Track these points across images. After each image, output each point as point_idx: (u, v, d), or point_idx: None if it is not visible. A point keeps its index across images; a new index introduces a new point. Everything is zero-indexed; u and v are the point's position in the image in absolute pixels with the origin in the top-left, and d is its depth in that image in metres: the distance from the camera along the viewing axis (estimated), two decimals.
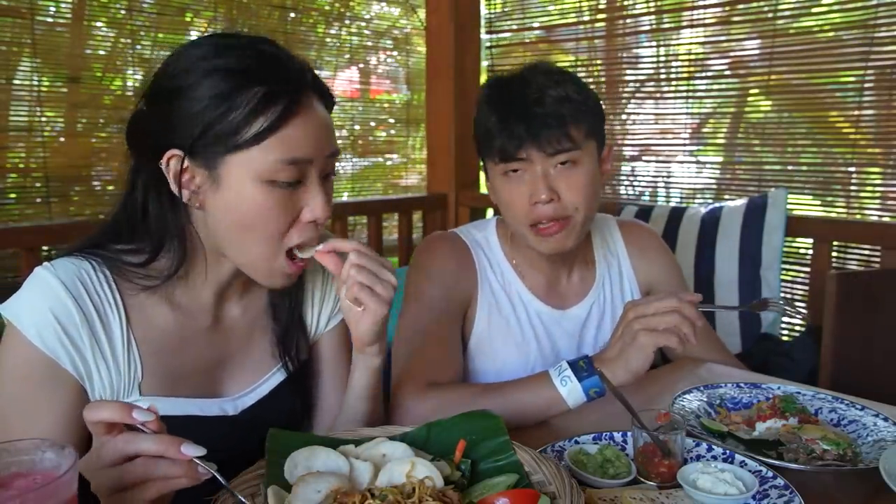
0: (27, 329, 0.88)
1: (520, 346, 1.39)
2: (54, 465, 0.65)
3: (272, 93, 0.87)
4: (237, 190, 0.89)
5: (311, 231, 0.93)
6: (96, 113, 2.33)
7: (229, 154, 0.88)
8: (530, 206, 1.25)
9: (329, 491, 0.77)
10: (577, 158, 1.25)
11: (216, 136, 0.87)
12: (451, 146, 3.13)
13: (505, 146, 1.24)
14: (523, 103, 1.23)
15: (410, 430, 0.96)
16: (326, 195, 0.93)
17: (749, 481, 0.90)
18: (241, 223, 0.91)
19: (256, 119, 0.86)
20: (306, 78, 0.92)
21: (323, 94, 0.95)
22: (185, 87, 0.87)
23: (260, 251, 0.92)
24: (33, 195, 2.22)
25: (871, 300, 1.75)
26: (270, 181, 0.88)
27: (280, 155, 0.88)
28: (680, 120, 2.62)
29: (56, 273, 0.90)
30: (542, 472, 0.87)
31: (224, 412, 1.02)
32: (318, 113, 0.93)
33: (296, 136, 0.88)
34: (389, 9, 3.17)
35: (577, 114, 1.24)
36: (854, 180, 2.27)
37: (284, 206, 0.90)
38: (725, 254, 2.18)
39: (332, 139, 0.95)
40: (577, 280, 1.45)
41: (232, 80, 0.87)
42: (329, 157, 0.94)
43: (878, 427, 1.11)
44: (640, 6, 2.70)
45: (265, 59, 0.90)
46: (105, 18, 2.33)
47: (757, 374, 1.44)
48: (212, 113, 0.86)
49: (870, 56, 2.16)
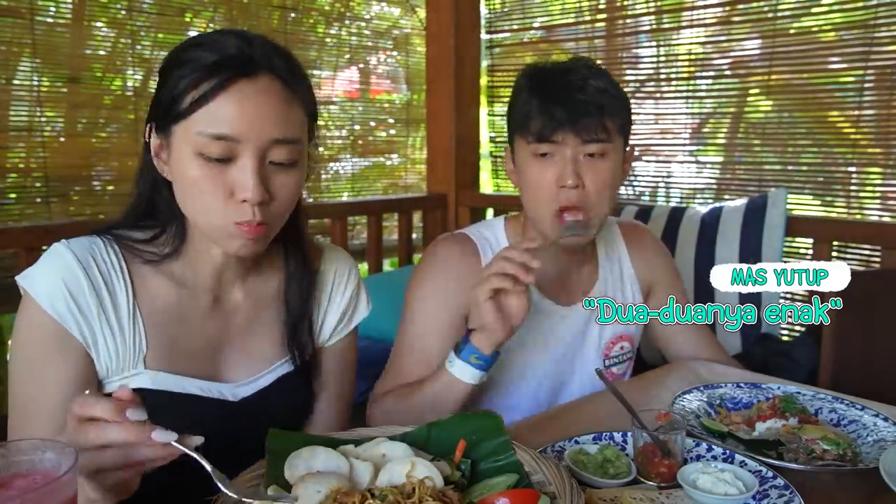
0: (40, 296, 0.93)
1: (524, 342, 1.39)
2: (54, 465, 0.65)
3: (211, 67, 0.90)
4: (178, 159, 0.93)
5: (246, 210, 0.92)
6: (96, 113, 2.33)
7: (175, 124, 0.92)
8: (557, 188, 1.28)
9: (329, 491, 0.77)
10: (606, 151, 1.29)
11: (166, 106, 0.93)
12: (451, 146, 3.13)
13: (543, 127, 1.27)
14: (566, 88, 1.27)
15: (410, 430, 0.96)
16: (259, 177, 0.91)
17: (749, 481, 0.90)
18: (182, 193, 0.96)
19: (192, 91, 0.90)
20: (255, 56, 0.92)
21: (283, 76, 0.94)
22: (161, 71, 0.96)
23: (205, 220, 0.95)
24: (33, 195, 2.22)
25: (871, 300, 1.75)
26: (201, 154, 0.90)
27: (205, 128, 0.89)
28: (680, 120, 2.62)
29: (69, 246, 0.97)
30: (542, 472, 0.87)
31: (223, 397, 1.04)
32: (264, 94, 0.91)
33: (224, 113, 0.89)
34: (389, 9, 3.17)
35: (614, 107, 1.29)
36: (854, 180, 2.27)
37: (214, 181, 0.91)
38: (725, 254, 2.18)
39: (284, 125, 0.93)
40: (584, 276, 1.47)
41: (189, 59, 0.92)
42: (276, 142, 0.92)
43: (878, 427, 1.11)
44: (640, 6, 2.70)
45: (220, 38, 0.94)
46: (105, 19, 2.33)
47: (757, 374, 1.44)
48: (166, 85, 0.93)
49: (870, 56, 2.16)
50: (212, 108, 0.89)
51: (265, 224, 0.94)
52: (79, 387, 0.95)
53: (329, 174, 3.05)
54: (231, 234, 0.94)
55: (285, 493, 0.79)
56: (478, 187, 3.23)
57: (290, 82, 0.94)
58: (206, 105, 0.89)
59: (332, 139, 3.04)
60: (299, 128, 0.96)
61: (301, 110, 0.97)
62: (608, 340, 1.47)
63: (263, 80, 0.92)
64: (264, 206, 0.93)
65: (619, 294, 1.50)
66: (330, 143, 3.03)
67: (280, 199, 0.95)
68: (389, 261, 3.15)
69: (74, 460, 0.64)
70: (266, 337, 1.11)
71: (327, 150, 3.02)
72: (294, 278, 1.12)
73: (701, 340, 1.56)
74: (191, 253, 1.03)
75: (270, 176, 0.93)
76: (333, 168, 3.07)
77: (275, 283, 1.13)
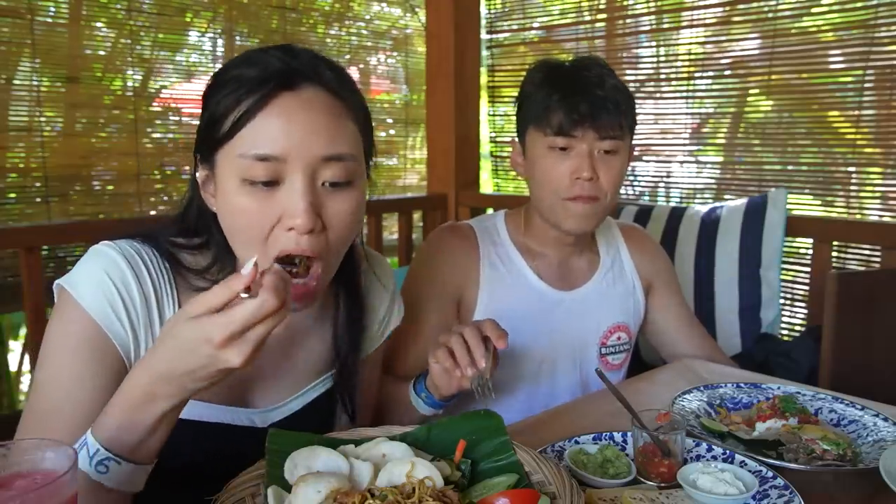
0: (83, 297, 0.86)
1: (522, 327, 1.40)
2: (54, 465, 0.65)
3: (252, 83, 0.83)
4: (223, 189, 0.86)
5: (290, 240, 0.83)
6: (96, 113, 2.33)
7: (218, 150, 0.86)
8: (571, 180, 1.33)
9: (329, 491, 0.77)
10: (618, 148, 1.35)
11: (208, 131, 0.86)
12: (451, 146, 3.13)
13: (564, 121, 1.31)
14: (586, 84, 1.31)
15: (411, 431, 0.96)
16: (309, 200, 0.82)
17: (749, 481, 0.90)
18: (228, 224, 0.89)
19: (232, 111, 0.83)
20: (298, 67, 0.85)
21: (331, 87, 0.87)
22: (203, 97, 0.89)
23: (247, 255, 0.84)
24: (33, 195, 2.22)
25: (871, 300, 1.75)
26: (246, 180, 0.83)
27: (248, 149, 0.82)
28: (680, 120, 2.62)
29: (118, 248, 0.90)
30: (542, 472, 0.87)
31: (252, 423, 0.99)
32: (309, 106, 0.84)
33: (267, 130, 0.82)
34: (389, 9, 3.17)
35: (626, 105, 1.34)
36: (854, 180, 2.27)
37: (260, 208, 0.83)
38: (725, 254, 2.18)
39: (334, 139, 0.85)
40: (585, 263, 1.51)
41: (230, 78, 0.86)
42: (325, 160, 0.84)
43: (878, 427, 1.11)
44: (640, 6, 2.70)
45: (262, 54, 0.87)
46: (105, 19, 2.33)
47: (757, 374, 1.44)
48: (207, 110, 0.87)
49: (870, 56, 2.16)
50: (254, 127, 0.82)
51: (316, 259, 0.84)
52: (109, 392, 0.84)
53: None
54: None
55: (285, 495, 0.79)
56: (478, 187, 3.23)
57: (339, 93, 0.87)
58: (248, 124, 0.82)
59: None
60: (353, 142, 0.88)
61: (353, 124, 0.89)
62: (606, 329, 1.49)
63: (309, 91, 0.85)
64: (316, 234, 0.84)
65: (620, 282, 1.53)
66: None
67: (336, 226, 0.86)
68: (389, 260, 3.14)
69: (74, 460, 0.64)
70: (301, 363, 1.05)
71: None
72: (345, 309, 1.05)
73: (697, 339, 1.59)
74: None
75: (324, 200, 0.85)
76: None
77: (319, 309, 1.06)
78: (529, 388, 1.45)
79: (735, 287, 2.17)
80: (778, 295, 2.17)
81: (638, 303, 1.55)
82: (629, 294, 1.54)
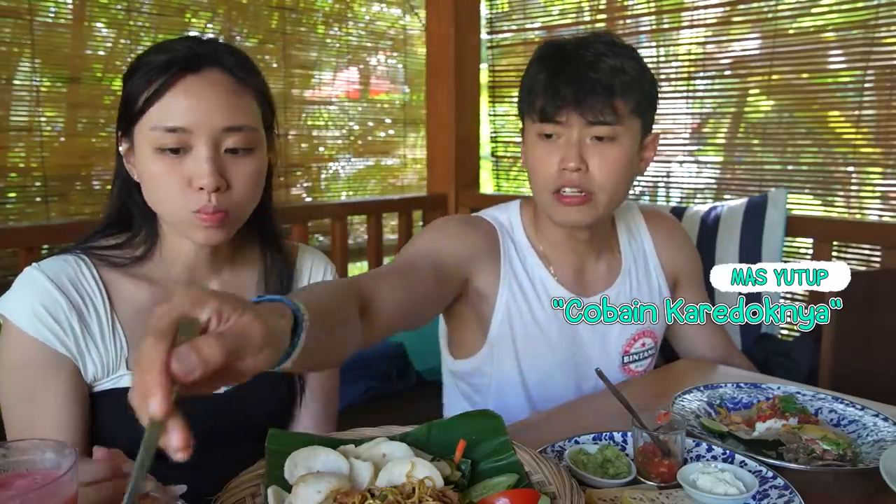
0: (20, 321, 0.96)
1: (540, 334, 1.36)
2: (54, 465, 0.65)
3: (161, 67, 0.95)
4: (140, 158, 0.98)
5: (203, 198, 0.95)
6: (96, 113, 2.33)
7: (135, 124, 0.97)
8: (558, 170, 1.22)
9: (329, 491, 0.77)
10: (615, 135, 1.21)
11: (126, 109, 0.98)
12: (451, 146, 3.13)
13: (547, 106, 1.21)
14: (576, 65, 1.20)
15: (411, 431, 0.96)
16: (214, 164, 0.95)
17: (749, 481, 0.90)
18: (146, 189, 1.00)
19: (145, 90, 0.95)
20: (203, 53, 0.97)
21: (231, 70, 0.98)
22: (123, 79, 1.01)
23: (167, 212, 0.99)
24: (33, 195, 2.22)
25: (871, 300, 1.75)
26: (158, 149, 0.95)
27: (159, 122, 0.95)
28: (680, 120, 2.62)
29: (41, 269, 0.99)
30: (542, 472, 0.87)
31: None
32: (211, 86, 0.96)
33: (175, 106, 0.94)
34: (389, 9, 3.17)
35: (628, 88, 1.20)
36: (854, 180, 2.27)
37: (172, 172, 0.95)
38: (725, 253, 2.18)
39: (233, 113, 0.97)
40: (604, 268, 1.41)
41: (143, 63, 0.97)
42: (226, 130, 0.96)
43: (878, 427, 1.11)
44: (640, 6, 2.70)
45: (173, 43, 0.99)
46: (105, 19, 2.33)
47: (757, 374, 1.44)
48: (125, 90, 0.99)
49: (870, 56, 2.16)
50: (163, 103, 0.95)
51: (223, 211, 0.97)
52: (73, 401, 0.98)
53: (329, 174, 3.05)
54: (191, 223, 0.97)
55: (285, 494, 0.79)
56: (478, 187, 3.23)
57: (238, 75, 0.99)
58: (159, 101, 0.95)
59: (333, 139, 3.03)
60: (251, 116, 1.00)
61: (253, 101, 1.01)
62: (630, 337, 1.41)
63: (211, 74, 0.97)
64: (222, 193, 0.96)
65: (645, 285, 1.44)
66: (330, 144, 3.03)
67: (238, 186, 0.98)
68: (389, 260, 3.15)
69: (74, 460, 0.64)
70: None
71: (327, 150, 3.02)
72: (272, 271, 1.14)
73: (715, 339, 1.52)
74: (163, 252, 1.06)
75: (227, 165, 0.97)
76: (333, 168, 3.07)
77: (251, 276, 1.14)
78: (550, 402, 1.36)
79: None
80: (778, 295, 2.17)
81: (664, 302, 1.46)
82: (654, 294, 1.44)
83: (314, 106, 2.92)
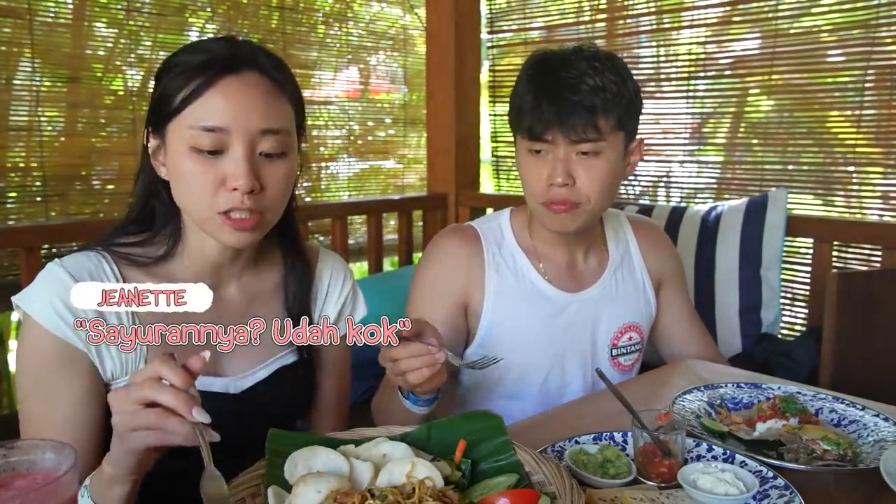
0: (40, 317, 0.95)
1: (530, 331, 1.40)
2: (54, 465, 0.65)
3: (200, 66, 0.95)
4: (173, 156, 0.98)
5: (235, 197, 0.96)
6: (96, 113, 2.33)
7: (168, 123, 0.97)
8: (546, 185, 1.29)
9: (329, 491, 0.77)
10: (600, 150, 1.28)
11: (160, 107, 0.98)
12: (452, 146, 3.12)
13: (533, 125, 1.28)
14: (558, 87, 1.26)
15: (411, 431, 0.96)
16: (249, 165, 0.95)
17: (749, 481, 0.90)
18: (178, 187, 1.00)
19: (182, 89, 0.95)
20: (241, 55, 0.97)
21: (269, 73, 0.99)
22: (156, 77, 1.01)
23: (197, 212, 0.98)
24: (33, 195, 2.22)
25: (871, 300, 1.75)
26: (194, 148, 0.95)
27: (196, 121, 0.94)
28: (680, 120, 2.62)
29: (63, 265, 0.99)
30: (542, 472, 0.87)
31: (225, 390, 1.07)
32: (250, 88, 0.96)
33: (213, 106, 0.94)
34: (389, 9, 3.17)
35: (609, 105, 1.26)
36: (854, 180, 2.27)
37: (207, 172, 0.95)
38: (726, 254, 2.18)
39: (270, 116, 0.97)
40: (593, 263, 1.48)
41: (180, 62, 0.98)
42: (263, 132, 0.96)
43: (879, 427, 1.11)
44: (641, 6, 2.69)
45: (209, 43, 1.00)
46: (105, 19, 2.33)
47: (757, 374, 1.44)
48: (159, 88, 0.98)
49: (871, 56, 2.16)
50: (202, 103, 0.95)
51: (257, 212, 0.97)
52: (88, 398, 0.99)
53: (329, 174, 3.05)
54: (219, 224, 0.97)
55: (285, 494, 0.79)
56: (478, 187, 3.23)
57: (275, 78, 1.00)
58: (197, 100, 0.94)
59: (333, 139, 3.03)
60: (286, 119, 1.01)
61: (288, 104, 1.02)
62: (617, 330, 1.46)
63: (249, 75, 0.97)
64: (255, 195, 0.96)
65: (630, 282, 1.50)
66: (330, 143, 3.03)
67: (271, 188, 0.98)
68: (389, 260, 3.15)
69: (74, 460, 0.64)
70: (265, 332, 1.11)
71: (327, 150, 3.02)
72: (293, 273, 1.15)
73: (696, 339, 1.58)
74: (186, 252, 1.06)
75: (261, 167, 0.97)
76: (333, 168, 3.07)
77: (272, 279, 1.16)
78: (539, 395, 1.42)
79: (735, 287, 2.16)
80: (778, 295, 2.17)
81: (649, 301, 1.52)
82: (640, 292, 1.51)
83: (314, 106, 2.92)
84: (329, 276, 1.22)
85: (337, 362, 1.24)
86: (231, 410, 1.05)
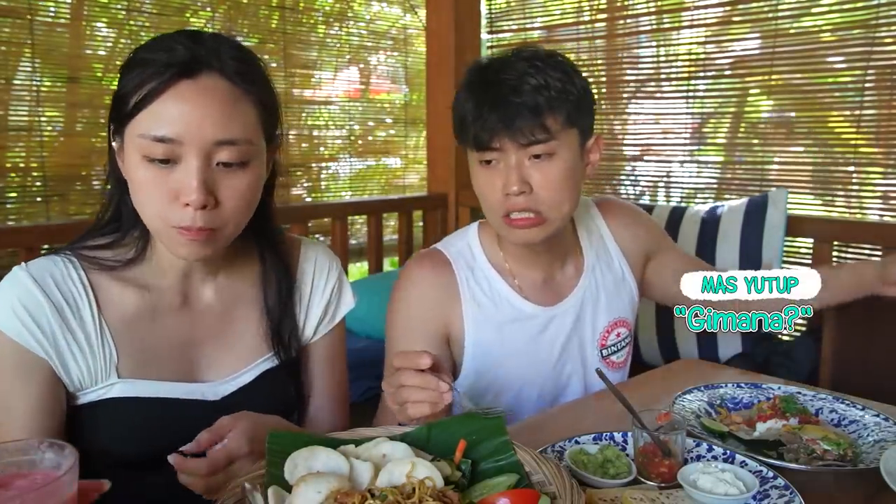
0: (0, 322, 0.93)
1: (518, 352, 1.36)
2: (54, 465, 0.65)
3: (155, 68, 0.88)
4: (128, 161, 0.93)
5: (187, 214, 0.89)
6: (96, 113, 2.33)
7: (125, 126, 0.92)
8: (503, 196, 1.23)
9: (329, 491, 0.77)
10: (552, 150, 1.21)
11: (117, 107, 0.93)
12: (452, 146, 3.11)
13: (479, 135, 1.21)
14: (499, 91, 1.19)
15: (411, 431, 0.96)
16: (202, 180, 0.88)
17: (749, 481, 0.90)
18: (133, 195, 0.95)
19: (136, 91, 0.89)
20: (200, 56, 0.90)
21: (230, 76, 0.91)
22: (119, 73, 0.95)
23: (151, 224, 0.94)
24: (33, 195, 2.22)
25: (871, 300, 1.75)
26: (145, 156, 0.90)
27: (147, 130, 0.89)
28: (680, 120, 2.62)
29: (28, 270, 0.96)
30: (542, 472, 0.87)
31: (204, 397, 1.03)
32: (206, 94, 0.89)
33: (165, 114, 0.88)
34: (389, 9, 3.17)
35: (555, 103, 1.19)
36: (854, 180, 2.27)
37: (159, 183, 0.90)
38: (726, 254, 2.18)
39: (228, 125, 0.90)
40: (570, 270, 1.42)
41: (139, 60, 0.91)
42: (220, 143, 0.90)
43: (879, 427, 1.11)
44: (640, 6, 2.69)
45: (171, 39, 0.92)
46: (105, 19, 2.33)
47: (757, 374, 1.44)
48: (119, 87, 0.93)
49: (871, 56, 2.16)
50: (154, 110, 0.88)
51: (210, 229, 0.91)
52: (44, 405, 0.95)
53: (329, 174, 3.05)
54: (173, 238, 0.92)
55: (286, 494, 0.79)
56: None
57: (236, 81, 0.92)
58: (148, 106, 0.88)
59: (333, 139, 3.03)
60: (248, 127, 0.93)
61: (251, 108, 0.94)
62: (603, 330, 1.42)
63: (207, 79, 0.90)
64: (209, 210, 0.90)
65: (609, 276, 1.44)
66: (330, 143, 3.03)
67: (228, 201, 0.92)
68: (389, 260, 3.15)
69: (74, 460, 0.64)
70: (245, 334, 1.09)
71: (327, 150, 3.02)
72: (271, 273, 1.11)
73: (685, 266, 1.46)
74: (156, 255, 1.02)
75: (218, 179, 0.91)
76: (333, 168, 3.07)
77: (250, 279, 1.11)
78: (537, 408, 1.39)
79: None
80: None
81: (631, 290, 1.47)
82: (620, 283, 1.45)
83: (314, 106, 2.92)
84: (313, 268, 1.16)
85: (328, 357, 1.19)
86: (211, 416, 0.94)
